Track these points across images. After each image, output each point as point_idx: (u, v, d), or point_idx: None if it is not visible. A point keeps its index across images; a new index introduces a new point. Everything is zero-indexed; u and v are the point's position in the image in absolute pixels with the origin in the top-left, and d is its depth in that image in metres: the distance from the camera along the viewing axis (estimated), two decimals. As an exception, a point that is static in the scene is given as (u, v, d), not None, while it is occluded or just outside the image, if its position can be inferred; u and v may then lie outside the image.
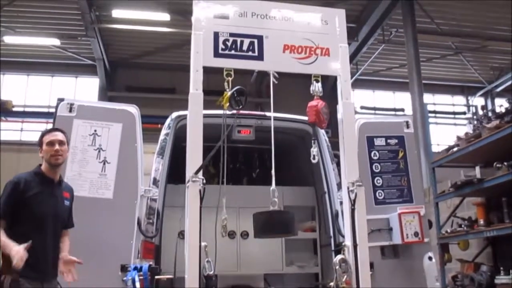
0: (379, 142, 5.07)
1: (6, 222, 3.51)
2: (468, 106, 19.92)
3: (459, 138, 8.30)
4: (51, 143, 3.77)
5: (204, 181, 3.30)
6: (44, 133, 3.87)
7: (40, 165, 3.81)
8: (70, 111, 4.54)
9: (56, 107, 4.57)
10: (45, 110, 17.14)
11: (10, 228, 3.49)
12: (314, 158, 3.72)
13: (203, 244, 3.32)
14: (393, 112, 19.29)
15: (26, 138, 17.19)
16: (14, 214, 3.55)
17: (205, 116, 3.46)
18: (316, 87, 3.72)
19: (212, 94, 3.96)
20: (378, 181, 4.96)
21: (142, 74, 17.96)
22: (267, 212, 3.74)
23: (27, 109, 17.74)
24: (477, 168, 7.40)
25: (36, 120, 17.44)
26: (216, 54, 3.55)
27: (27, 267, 3.30)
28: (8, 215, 3.52)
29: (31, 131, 17.40)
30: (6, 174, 15.25)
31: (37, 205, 3.61)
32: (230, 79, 3.58)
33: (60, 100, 4.60)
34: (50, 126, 4.69)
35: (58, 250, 3.72)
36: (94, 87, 17.98)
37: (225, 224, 3.95)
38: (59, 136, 3.83)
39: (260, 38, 3.65)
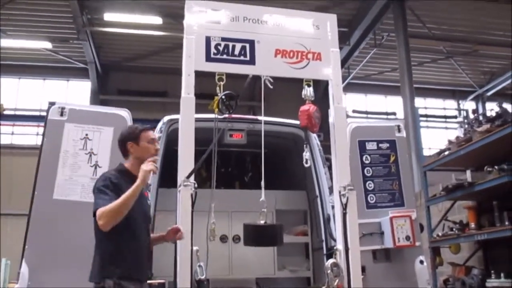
0: (371, 146, 5.08)
1: None
2: (459, 110, 20.06)
3: (450, 142, 8.34)
4: (153, 141, 3.55)
5: (196, 185, 3.30)
6: (141, 129, 3.54)
7: (121, 164, 3.55)
8: (62, 115, 4.52)
9: (47, 111, 4.54)
10: (37, 113, 17.07)
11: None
12: (306, 163, 3.74)
13: (194, 248, 3.31)
14: (385, 116, 19.38)
15: (17, 141, 17.11)
16: None
17: (197, 120, 3.46)
18: (308, 91, 3.73)
19: (204, 97, 3.97)
20: (370, 185, 4.97)
21: (134, 78, 17.94)
22: (255, 225, 3.77)
23: (18, 113, 17.67)
24: (468, 172, 7.43)
25: (27, 124, 17.38)
26: (208, 59, 3.56)
27: (126, 268, 3.24)
28: None
29: (22, 134, 17.33)
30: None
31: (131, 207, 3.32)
32: (222, 83, 3.59)
33: (52, 103, 4.58)
34: (41, 129, 4.66)
35: (150, 249, 3.63)
36: (86, 90, 17.95)
37: (213, 228, 3.95)
38: (154, 135, 3.66)
39: (252, 43, 3.65)
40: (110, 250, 3.27)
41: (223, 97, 3.69)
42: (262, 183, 3.87)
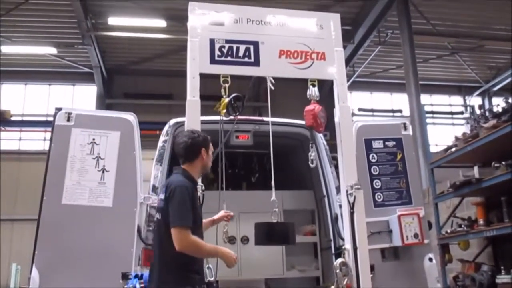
0: (377, 144, 5.07)
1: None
2: (465, 106, 19.97)
3: (457, 138, 8.31)
4: (212, 152, 3.65)
5: (203, 187, 3.31)
6: (209, 139, 3.61)
7: (184, 169, 3.57)
8: (68, 120, 4.54)
9: (54, 117, 4.57)
10: (43, 119, 17.14)
11: None
12: (312, 163, 3.75)
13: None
14: (390, 114, 19.32)
15: (25, 147, 17.21)
16: None
17: (203, 122, 3.47)
18: (313, 91, 3.74)
19: (210, 99, 3.98)
20: (377, 184, 4.96)
21: (139, 81, 17.98)
22: (268, 223, 3.79)
23: (25, 118, 17.75)
24: (476, 168, 7.41)
25: (35, 129, 17.48)
26: (213, 61, 3.58)
27: (201, 275, 3.44)
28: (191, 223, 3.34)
29: (29, 140, 17.42)
30: (7, 183, 15.37)
31: (197, 212, 3.47)
32: (226, 85, 3.60)
33: (58, 109, 4.60)
34: (48, 135, 4.69)
35: None
36: (91, 94, 18.00)
37: (226, 230, 3.99)
38: None
39: (255, 44, 3.67)
40: (187, 259, 3.31)
41: (232, 99, 3.70)
42: (273, 183, 3.89)
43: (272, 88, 3.75)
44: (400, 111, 19.12)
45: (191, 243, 3.24)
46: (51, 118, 4.64)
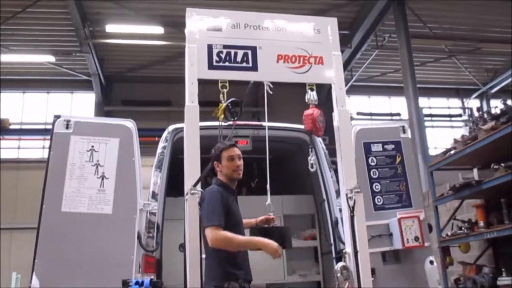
0: (376, 148, 5.08)
1: None
2: (463, 108, 20.00)
3: (455, 140, 8.31)
4: (231, 158, 3.87)
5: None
6: (222, 148, 3.88)
7: (217, 178, 3.90)
8: (67, 127, 4.54)
9: (53, 124, 4.57)
10: (42, 127, 17.14)
11: None
12: (312, 167, 3.75)
13: (203, 256, 3.32)
14: (389, 117, 19.34)
15: (23, 155, 17.19)
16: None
17: (202, 128, 3.47)
18: (311, 95, 3.74)
19: (209, 105, 3.98)
20: (377, 187, 4.96)
21: (137, 88, 18.00)
22: (264, 228, 3.80)
23: (24, 127, 17.77)
24: (475, 170, 7.41)
25: (33, 137, 17.46)
26: (211, 66, 3.57)
27: (245, 271, 3.71)
28: (223, 223, 3.59)
29: (28, 148, 17.41)
30: (6, 191, 15.35)
31: (234, 214, 3.78)
32: (225, 90, 3.60)
33: (57, 117, 4.60)
34: (47, 143, 4.68)
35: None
36: (90, 102, 18.00)
37: None
38: (238, 151, 3.95)
39: (253, 49, 3.67)
40: (229, 255, 3.59)
41: (229, 104, 3.70)
42: (268, 186, 3.90)
43: (270, 93, 3.76)
44: (398, 114, 19.14)
45: (221, 238, 3.47)
46: (49, 126, 4.64)
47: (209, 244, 3.49)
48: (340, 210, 4.27)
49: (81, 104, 18.23)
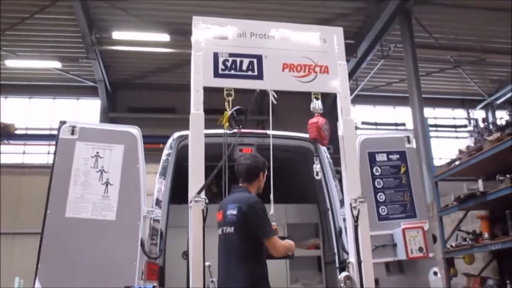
0: (381, 157, 5.07)
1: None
2: (469, 119, 19.95)
3: (460, 151, 8.30)
4: (266, 177, 4.17)
5: (207, 200, 3.31)
6: (267, 165, 4.17)
7: (247, 188, 4.06)
8: (72, 133, 4.56)
9: (58, 130, 4.59)
10: (47, 132, 17.17)
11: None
12: (317, 175, 3.75)
13: (207, 264, 3.32)
14: (394, 127, 19.32)
15: (28, 160, 17.22)
16: None
17: (207, 135, 3.48)
18: (316, 104, 3.74)
19: (214, 112, 3.98)
20: (381, 197, 4.95)
21: (143, 95, 18.04)
22: None
23: (29, 132, 17.80)
24: (480, 181, 7.39)
25: (38, 143, 17.50)
26: (216, 74, 3.58)
27: (267, 281, 3.84)
28: None
29: (33, 153, 17.45)
30: (9, 196, 15.34)
31: None
32: (230, 98, 3.61)
33: (62, 122, 4.62)
34: (52, 148, 4.70)
35: None
36: (95, 108, 18.06)
37: None
38: None
39: (259, 58, 3.68)
40: (255, 266, 3.78)
41: (234, 112, 3.71)
42: (271, 196, 3.92)
43: (275, 102, 3.77)
44: (403, 124, 19.11)
45: (283, 247, 3.85)
46: (55, 132, 4.66)
47: (275, 254, 3.81)
48: (344, 219, 4.26)
49: (86, 111, 18.30)
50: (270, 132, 4.52)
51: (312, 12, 14.05)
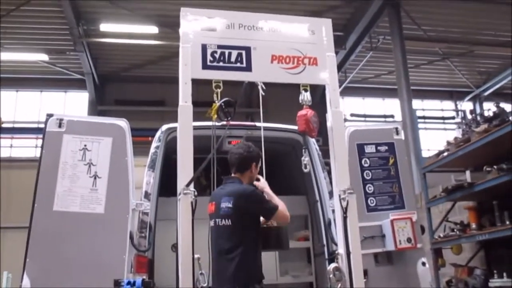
0: (370, 149, 5.09)
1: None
2: (457, 110, 20.06)
3: (448, 143, 8.34)
4: (259, 167, 4.18)
5: (196, 193, 3.30)
6: (260, 156, 4.19)
7: (239, 179, 4.04)
8: (60, 126, 4.52)
9: (46, 123, 4.55)
10: (35, 125, 17.03)
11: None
12: (305, 167, 3.75)
13: (196, 256, 3.31)
14: (383, 119, 19.38)
15: (16, 154, 17.09)
16: None
17: (195, 128, 3.46)
18: (305, 96, 3.74)
19: (202, 105, 3.97)
20: (370, 188, 4.97)
21: (131, 87, 17.94)
22: (261, 228, 3.81)
23: (16, 125, 17.65)
24: (467, 172, 7.44)
25: (26, 136, 17.36)
26: (205, 66, 3.56)
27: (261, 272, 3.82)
28: None
29: (21, 147, 17.31)
30: (-4, 190, 15.03)
31: None
32: (219, 90, 3.60)
33: (49, 115, 4.58)
34: (40, 142, 4.66)
35: None
36: (83, 101, 17.92)
37: None
38: None
39: (248, 50, 3.66)
40: (257, 258, 3.80)
41: (222, 104, 3.70)
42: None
43: (263, 93, 3.76)
44: (392, 116, 19.18)
45: (285, 209, 3.95)
46: (42, 125, 4.61)
47: (285, 220, 3.91)
48: (333, 211, 4.27)
49: (74, 103, 18.15)
50: (261, 124, 4.51)
51: (301, 4, 14.03)
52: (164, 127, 5.41)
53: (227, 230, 3.79)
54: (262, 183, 4.12)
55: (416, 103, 17.30)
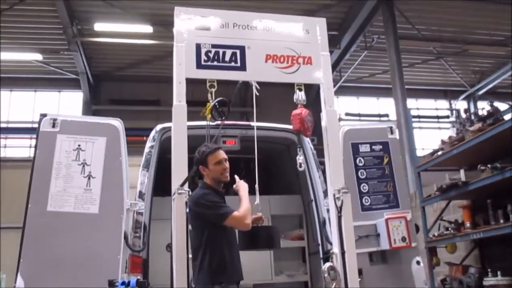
0: (364, 148, 5.09)
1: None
2: (451, 109, 20.11)
3: (443, 141, 8.35)
4: (219, 162, 3.97)
5: (190, 193, 3.29)
6: (208, 152, 3.97)
7: (204, 182, 3.99)
8: (53, 126, 4.50)
9: (39, 123, 4.53)
10: (29, 125, 16.96)
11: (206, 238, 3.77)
12: (300, 166, 3.75)
13: (190, 256, 3.31)
14: (377, 118, 19.41)
15: (10, 154, 17.01)
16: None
17: (190, 127, 3.46)
18: (300, 95, 3.74)
19: (197, 104, 3.96)
20: (364, 188, 4.97)
21: (126, 87, 17.90)
22: (252, 227, 3.80)
23: (10, 125, 17.56)
24: (462, 171, 7.45)
25: (20, 136, 17.29)
26: (199, 66, 3.56)
27: (230, 273, 3.79)
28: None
29: (14, 147, 17.23)
30: (-10, 191, 14.96)
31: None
32: (213, 90, 3.59)
33: (43, 115, 4.56)
34: (34, 142, 4.64)
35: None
36: (78, 101, 17.86)
37: None
38: (224, 154, 4.06)
39: (242, 49, 3.66)
40: (215, 259, 3.72)
41: (216, 103, 3.70)
42: (257, 186, 3.91)
43: (257, 94, 3.76)
44: (386, 115, 19.21)
45: (244, 216, 3.71)
46: (36, 125, 4.59)
47: (243, 227, 3.72)
48: (328, 210, 4.27)
49: (68, 103, 18.09)
50: (254, 124, 4.51)
51: (296, 3, 14.03)
52: (159, 126, 5.40)
53: (190, 235, 3.68)
54: (238, 185, 4.02)
55: (411, 102, 17.34)
